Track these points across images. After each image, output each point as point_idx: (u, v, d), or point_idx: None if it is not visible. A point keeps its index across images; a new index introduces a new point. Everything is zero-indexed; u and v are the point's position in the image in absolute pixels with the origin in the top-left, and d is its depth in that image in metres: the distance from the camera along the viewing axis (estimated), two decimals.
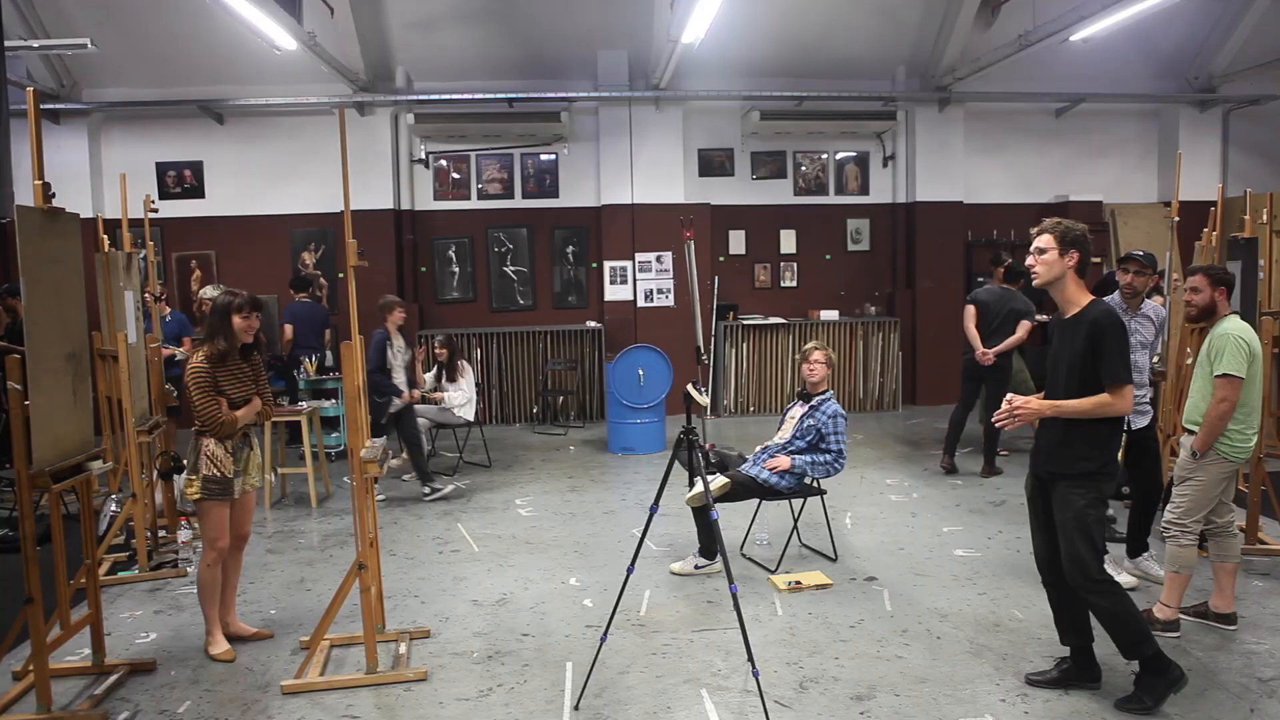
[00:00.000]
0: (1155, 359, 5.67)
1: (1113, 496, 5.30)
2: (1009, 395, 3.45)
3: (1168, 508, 4.18)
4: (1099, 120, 11.25)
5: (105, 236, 5.89)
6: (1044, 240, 3.43)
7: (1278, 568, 4.98)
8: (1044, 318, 7.65)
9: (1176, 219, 6.01)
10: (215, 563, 4.15)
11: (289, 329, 8.94)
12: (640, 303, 10.67)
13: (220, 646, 4.16)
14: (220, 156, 10.54)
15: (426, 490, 7.04)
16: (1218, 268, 4.38)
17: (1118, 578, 4.68)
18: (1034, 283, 3.53)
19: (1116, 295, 4.86)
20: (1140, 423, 4.81)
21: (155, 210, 6.56)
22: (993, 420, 3.50)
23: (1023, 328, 7.26)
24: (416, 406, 7.99)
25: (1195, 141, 10.91)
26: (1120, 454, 3.62)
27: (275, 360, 8.64)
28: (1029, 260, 3.49)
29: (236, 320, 4.19)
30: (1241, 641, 4.07)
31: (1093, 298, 3.46)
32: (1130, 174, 11.43)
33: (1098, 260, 10.84)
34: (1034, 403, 3.42)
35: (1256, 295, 5.62)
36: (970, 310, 7.45)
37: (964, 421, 7.58)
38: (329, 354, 8.80)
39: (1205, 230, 5.73)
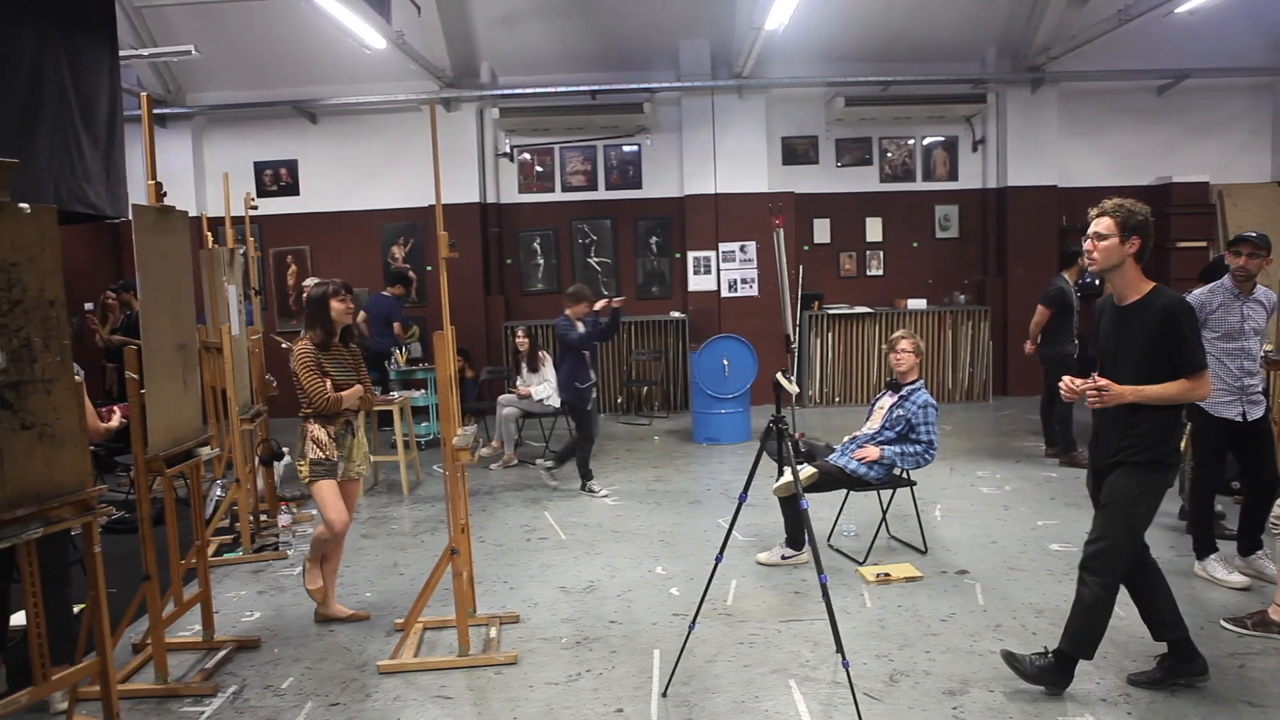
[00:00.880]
0: (1269, 346, 5.40)
1: (1222, 492, 5.07)
2: (1093, 375, 3.33)
3: (1277, 503, 3.97)
4: (1205, 97, 10.70)
5: (209, 234, 6.16)
6: (1103, 225, 3.30)
7: None
8: None
9: None
10: (332, 539, 4.34)
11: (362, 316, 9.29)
12: (724, 293, 10.62)
13: (315, 583, 4.42)
14: (314, 155, 10.91)
15: (553, 475, 7.13)
16: None
17: (1227, 578, 4.52)
18: (1090, 269, 3.41)
19: (1227, 279, 4.62)
20: (1255, 413, 4.57)
21: (255, 208, 6.82)
22: (1063, 397, 3.41)
23: (1039, 313, 7.39)
24: (503, 397, 8.16)
25: None
26: (1183, 443, 3.47)
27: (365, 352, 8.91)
28: (1086, 245, 3.37)
29: (334, 305, 4.38)
30: None
31: (1154, 284, 3.31)
32: (1239, 153, 10.84)
33: (1203, 245, 10.36)
34: (1115, 387, 3.26)
35: None
36: None
37: (1048, 411, 7.58)
38: (406, 347, 9.00)
39: None
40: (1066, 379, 3.38)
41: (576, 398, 6.90)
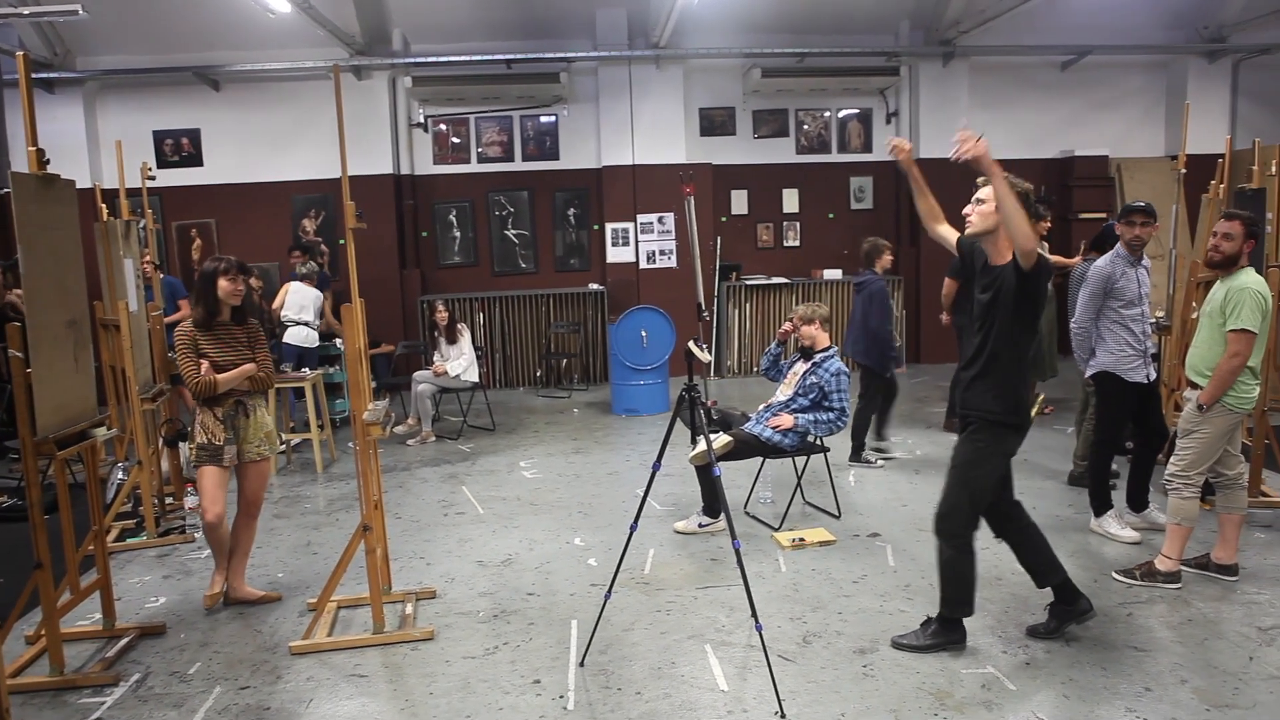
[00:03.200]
0: (1160, 313, 5.65)
1: (1119, 452, 5.31)
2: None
3: (1171, 460, 4.18)
4: (1106, 73, 11.10)
5: (104, 206, 5.87)
6: (985, 193, 3.40)
7: None
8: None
9: (1183, 171, 5.93)
10: (210, 529, 4.23)
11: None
12: (642, 264, 10.63)
13: (213, 590, 4.35)
14: (218, 124, 10.46)
15: (871, 456, 6.62)
16: (1255, 218, 4.27)
17: (1121, 533, 4.75)
18: (965, 231, 3.52)
19: (1121, 248, 4.80)
20: (1153, 374, 4.83)
21: (153, 178, 6.53)
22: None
23: (946, 284, 7.09)
24: (418, 374, 8.01)
25: (1204, 93, 10.77)
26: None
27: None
28: (966, 209, 3.46)
29: (222, 284, 4.23)
30: (1243, 592, 4.09)
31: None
32: (1137, 128, 11.29)
33: (1103, 216, 10.76)
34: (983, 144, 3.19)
35: (1264, 248, 5.55)
36: None
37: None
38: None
39: (1213, 182, 5.66)
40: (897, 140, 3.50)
41: (880, 364, 6.59)
